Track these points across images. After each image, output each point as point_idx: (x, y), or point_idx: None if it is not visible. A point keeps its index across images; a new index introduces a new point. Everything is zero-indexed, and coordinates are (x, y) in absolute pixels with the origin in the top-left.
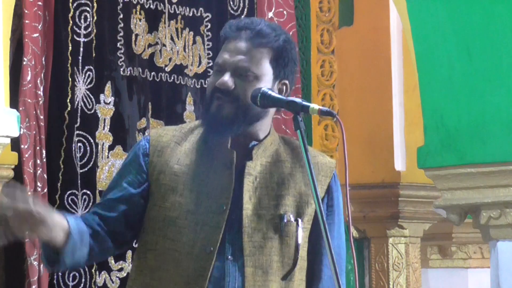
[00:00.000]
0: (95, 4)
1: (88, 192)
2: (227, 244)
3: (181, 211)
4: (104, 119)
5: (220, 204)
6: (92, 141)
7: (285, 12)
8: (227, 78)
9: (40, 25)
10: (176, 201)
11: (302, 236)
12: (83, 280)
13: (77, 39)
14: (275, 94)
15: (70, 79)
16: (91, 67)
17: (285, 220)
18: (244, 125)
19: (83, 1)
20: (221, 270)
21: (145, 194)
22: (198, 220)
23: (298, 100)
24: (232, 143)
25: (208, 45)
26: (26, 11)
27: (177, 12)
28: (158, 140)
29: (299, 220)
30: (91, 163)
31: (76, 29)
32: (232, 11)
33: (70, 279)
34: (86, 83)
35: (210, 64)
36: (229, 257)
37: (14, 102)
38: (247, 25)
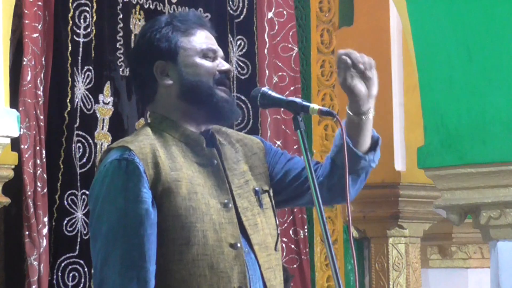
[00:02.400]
0: (94, 4)
1: (88, 192)
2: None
3: (197, 215)
4: (103, 119)
5: (224, 201)
6: (91, 141)
7: (285, 12)
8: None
9: (40, 25)
10: (188, 206)
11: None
12: (82, 280)
13: (77, 39)
14: (275, 94)
15: (69, 79)
16: (91, 67)
17: (260, 193)
18: None
19: (82, 1)
20: (248, 262)
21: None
22: (215, 220)
23: (298, 100)
24: (205, 137)
25: None
26: (26, 11)
27: (177, 12)
28: (142, 152)
29: (269, 190)
30: (90, 163)
31: (76, 29)
32: (231, 11)
33: (70, 279)
34: (86, 83)
35: None
36: (245, 249)
37: (14, 102)
38: (200, 15)
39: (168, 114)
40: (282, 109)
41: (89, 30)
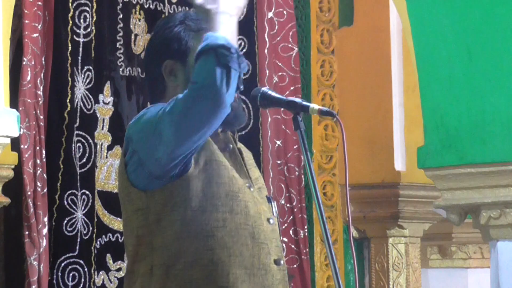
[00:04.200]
0: (94, 4)
1: (87, 192)
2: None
3: (239, 186)
4: (103, 119)
5: (246, 184)
6: (91, 141)
7: (285, 12)
8: None
9: (40, 25)
10: (231, 176)
11: None
12: (82, 280)
13: (77, 39)
14: (275, 94)
15: (69, 79)
16: (91, 67)
17: (271, 201)
18: None
19: (82, 1)
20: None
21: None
22: (251, 194)
23: (298, 100)
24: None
25: None
26: (26, 11)
27: (177, 12)
28: None
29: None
30: (90, 163)
31: (76, 29)
32: None
33: (70, 279)
34: (85, 83)
35: None
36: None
37: (14, 102)
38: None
39: None
40: (282, 109)
41: (89, 30)
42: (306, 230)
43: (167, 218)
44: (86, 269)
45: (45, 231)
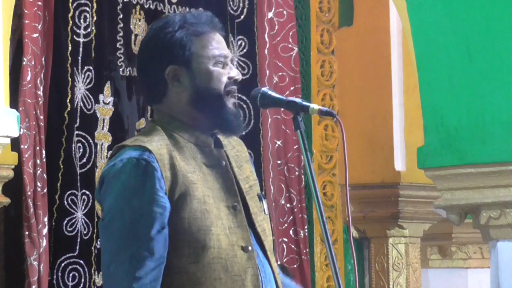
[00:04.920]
0: (94, 4)
1: (88, 192)
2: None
3: (211, 219)
4: (103, 119)
5: (233, 204)
6: (91, 141)
7: (285, 12)
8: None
9: (40, 25)
10: (203, 209)
11: None
12: (82, 280)
13: (77, 39)
14: (275, 94)
15: (69, 79)
16: (91, 67)
17: (262, 199)
18: None
19: (82, 1)
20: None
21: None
22: (225, 225)
23: (298, 100)
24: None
25: None
26: (26, 11)
27: (177, 12)
28: (160, 153)
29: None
30: (91, 163)
31: (76, 29)
32: (232, 11)
33: (70, 279)
34: (86, 83)
35: None
36: (257, 252)
37: (14, 102)
38: (212, 16)
39: (176, 115)
40: (282, 109)
41: (89, 30)
42: (306, 230)
43: None
44: (86, 269)
45: (45, 231)
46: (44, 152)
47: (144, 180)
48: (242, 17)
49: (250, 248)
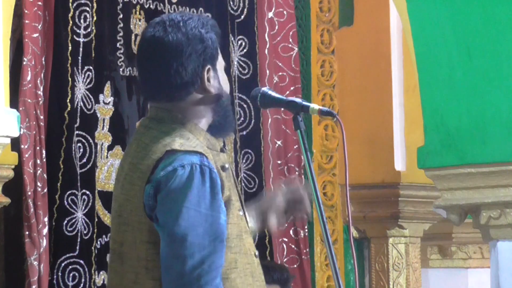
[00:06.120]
0: (95, 4)
1: (88, 192)
2: None
3: (242, 225)
4: (104, 119)
5: (241, 209)
6: (91, 141)
7: (285, 12)
8: None
9: (40, 25)
10: (239, 215)
11: None
12: (82, 280)
13: (77, 39)
14: (275, 94)
15: (70, 79)
16: (91, 67)
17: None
18: None
19: (83, 1)
20: None
21: None
22: (243, 230)
23: (298, 100)
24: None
25: None
26: (26, 11)
27: (177, 12)
28: (210, 158)
29: None
30: (91, 163)
31: (76, 29)
32: (232, 11)
33: (70, 279)
34: (86, 83)
35: None
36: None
37: (14, 102)
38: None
39: (190, 117)
40: (282, 109)
41: (89, 30)
42: (306, 230)
43: None
44: (86, 269)
45: (45, 231)
46: (44, 152)
47: (212, 187)
48: (242, 17)
49: (257, 253)
